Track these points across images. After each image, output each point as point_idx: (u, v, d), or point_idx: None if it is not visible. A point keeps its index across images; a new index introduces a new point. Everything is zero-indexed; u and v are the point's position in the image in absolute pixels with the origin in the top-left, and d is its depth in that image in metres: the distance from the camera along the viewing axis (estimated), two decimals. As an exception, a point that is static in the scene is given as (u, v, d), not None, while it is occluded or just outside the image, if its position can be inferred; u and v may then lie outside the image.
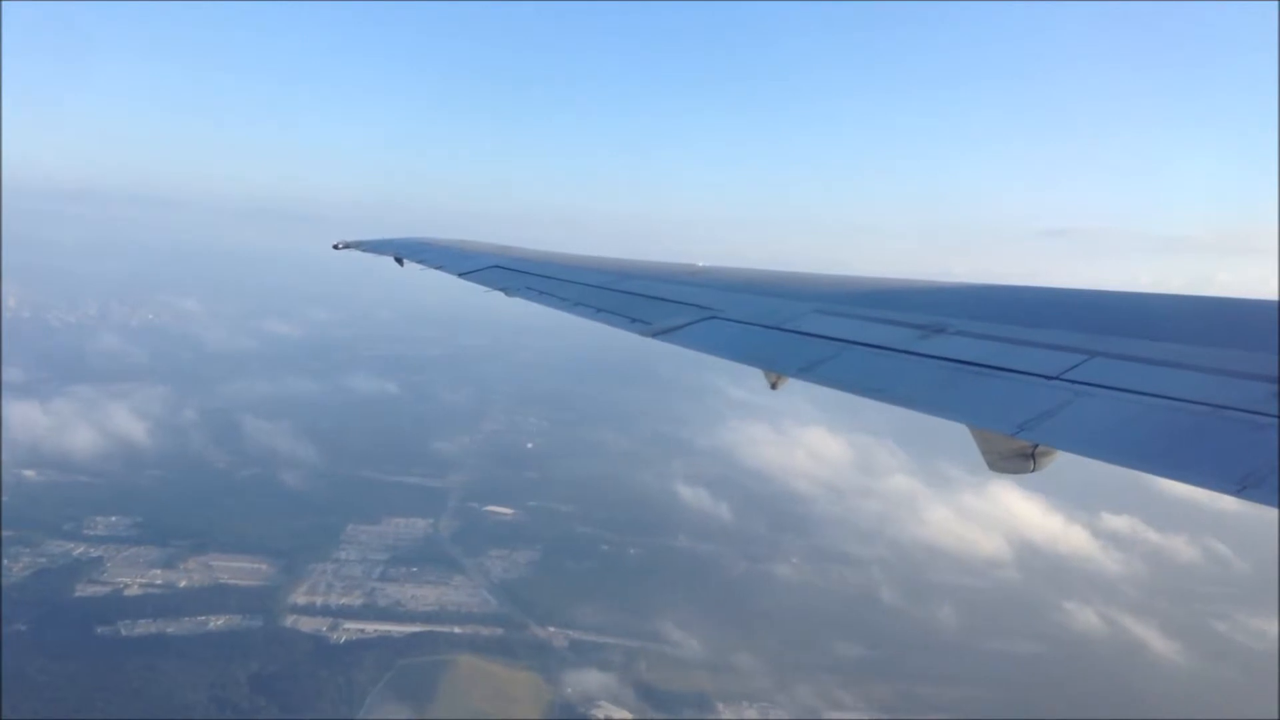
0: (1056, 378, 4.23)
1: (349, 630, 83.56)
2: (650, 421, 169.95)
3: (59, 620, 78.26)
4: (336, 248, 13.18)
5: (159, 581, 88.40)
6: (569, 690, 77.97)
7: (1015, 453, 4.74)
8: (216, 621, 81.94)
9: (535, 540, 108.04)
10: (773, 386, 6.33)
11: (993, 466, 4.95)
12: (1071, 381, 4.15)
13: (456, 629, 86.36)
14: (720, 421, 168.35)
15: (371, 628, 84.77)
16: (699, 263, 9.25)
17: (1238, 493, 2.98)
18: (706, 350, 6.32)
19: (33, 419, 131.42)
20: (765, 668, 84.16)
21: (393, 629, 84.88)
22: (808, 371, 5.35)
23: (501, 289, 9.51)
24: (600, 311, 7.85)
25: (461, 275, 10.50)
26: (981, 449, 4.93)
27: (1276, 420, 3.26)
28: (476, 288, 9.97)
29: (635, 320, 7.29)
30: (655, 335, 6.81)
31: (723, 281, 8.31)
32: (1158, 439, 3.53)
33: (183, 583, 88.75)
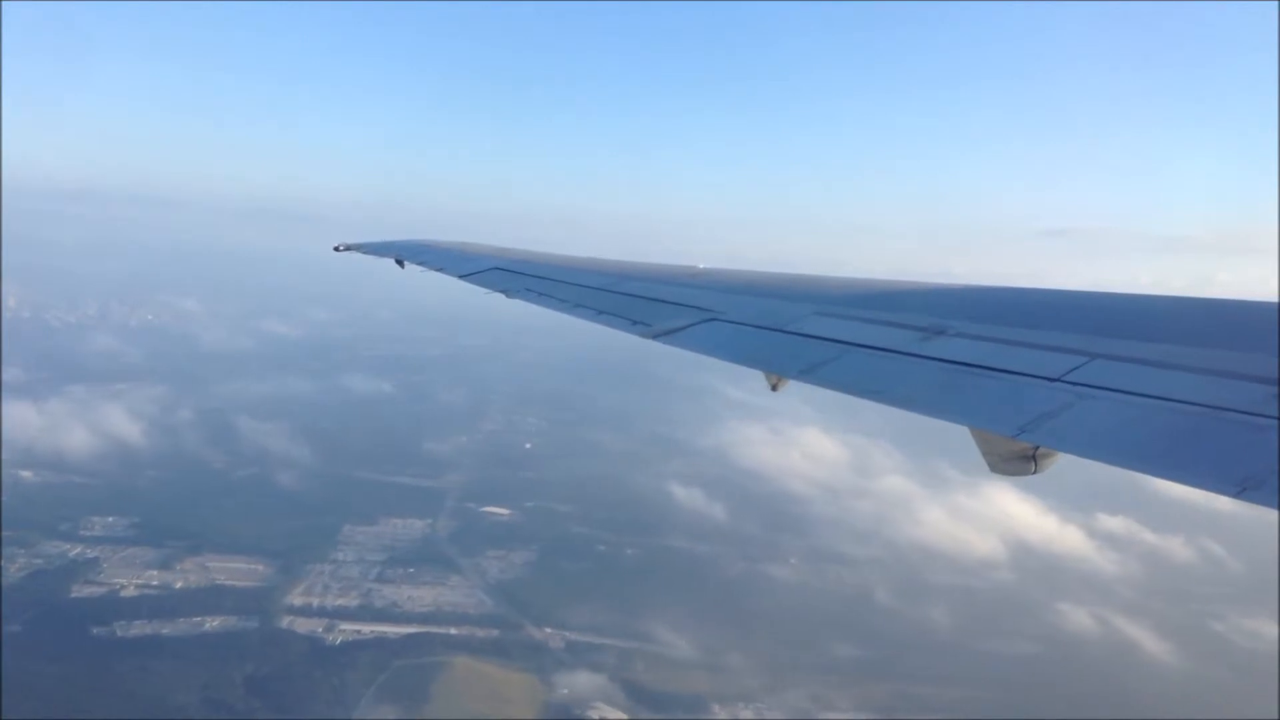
0: (1057, 379, 4.25)
1: (345, 631, 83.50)
2: (649, 422, 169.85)
3: (54, 621, 78.29)
4: (337, 250, 13.14)
5: (155, 582, 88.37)
6: (564, 691, 77.93)
7: (1016, 455, 4.76)
8: (212, 622, 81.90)
9: (532, 541, 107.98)
10: (773, 388, 6.32)
11: (994, 468, 4.95)
12: (1072, 383, 4.16)
13: (452, 630, 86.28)
14: (718, 422, 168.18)
15: (367, 629, 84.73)
16: (699, 264, 9.24)
17: (1238, 494, 2.99)
18: (707, 352, 6.31)
19: (31, 419, 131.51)
20: (761, 668, 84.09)
21: (389, 630, 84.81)
22: (808, 373, 5.35)
23: (502, 291, 9.49)
24: (601, 313, 7.83)
25: (462, 277, 10.48)
26: (982, 451, 4.94)
27: (1276, 422, 3.27)
28: (477, 289, 9.96)
29: (636, 322, 7.27)
30: (656, 337, 6.80)
31: (723, 283, 8.29)
32: (1158, 441, 3.55)
33: (179, 583, 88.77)
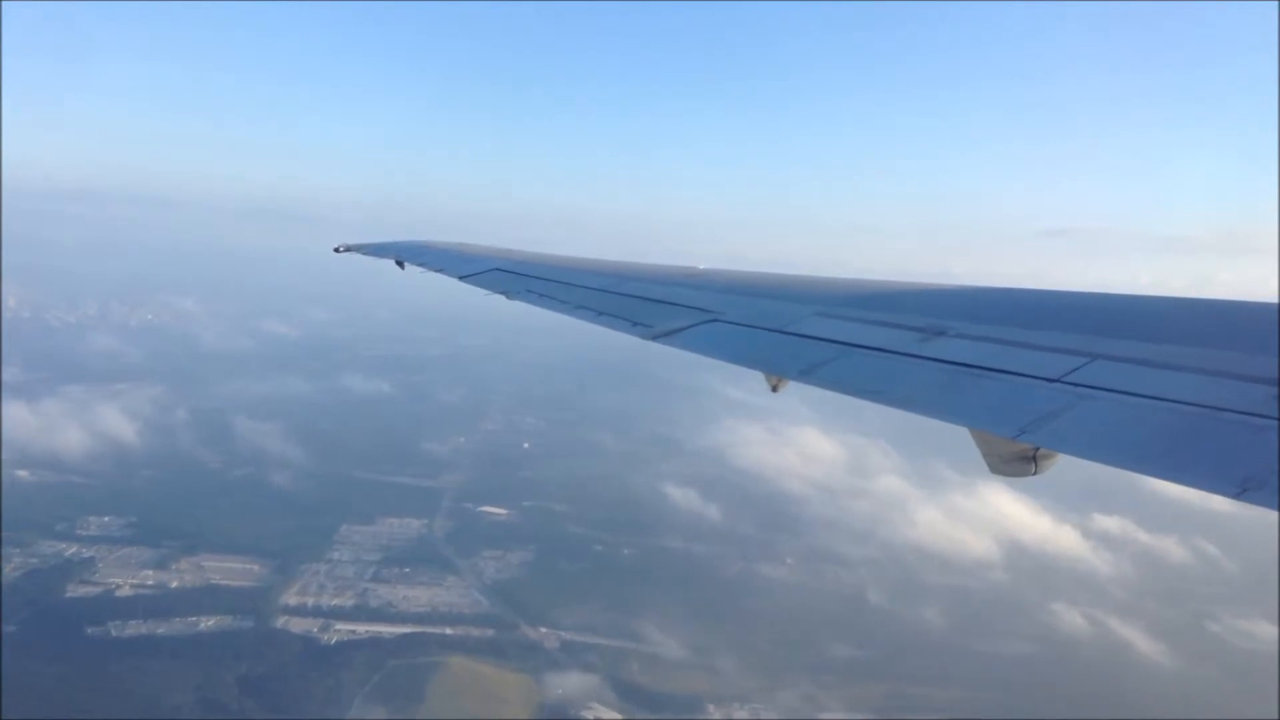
0: (1057, 380, 4.23)
1: (340, 631, 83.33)
2: (648, 422, 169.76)
3: (49, 621, 78.22)
4: (337, 251, 13.11)
5: (150, 582, 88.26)
6: (559, 691, 77.74)
7: (1016, 456, 4.75)
8: (207, 622, 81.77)
9: (529, 541, 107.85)
10: (774, 389, 6.30)
11: (994, 469, 4.94)
12: (1072, 384, 4.15)
13: (448, 630, 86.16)
14: (717, 423, 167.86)
15: (363, 629, 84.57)
16: (699, 264, 9.21)
17: (1238, 495, 2.96)
18: (707, 353, 6.30)
19: (28, 419, 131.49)
20: (756, 668, 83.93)
21: (384, 630, 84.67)
22: (809, 374, 5.34)
23: (502, 292, 9.48)
24: (601, 315, 7.81)
25: (462, 278, 10.44)
26: (983, 452, 4.93)
27: (1277, 423, 3.26)
28: (477, 289, 9.93)
29: (636, 323, 7.28)
30: (656, 338, 6.80)
31: (723, 284, 8.29)
32: (1158, 441, 3.53)
33: (174, 583, 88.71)
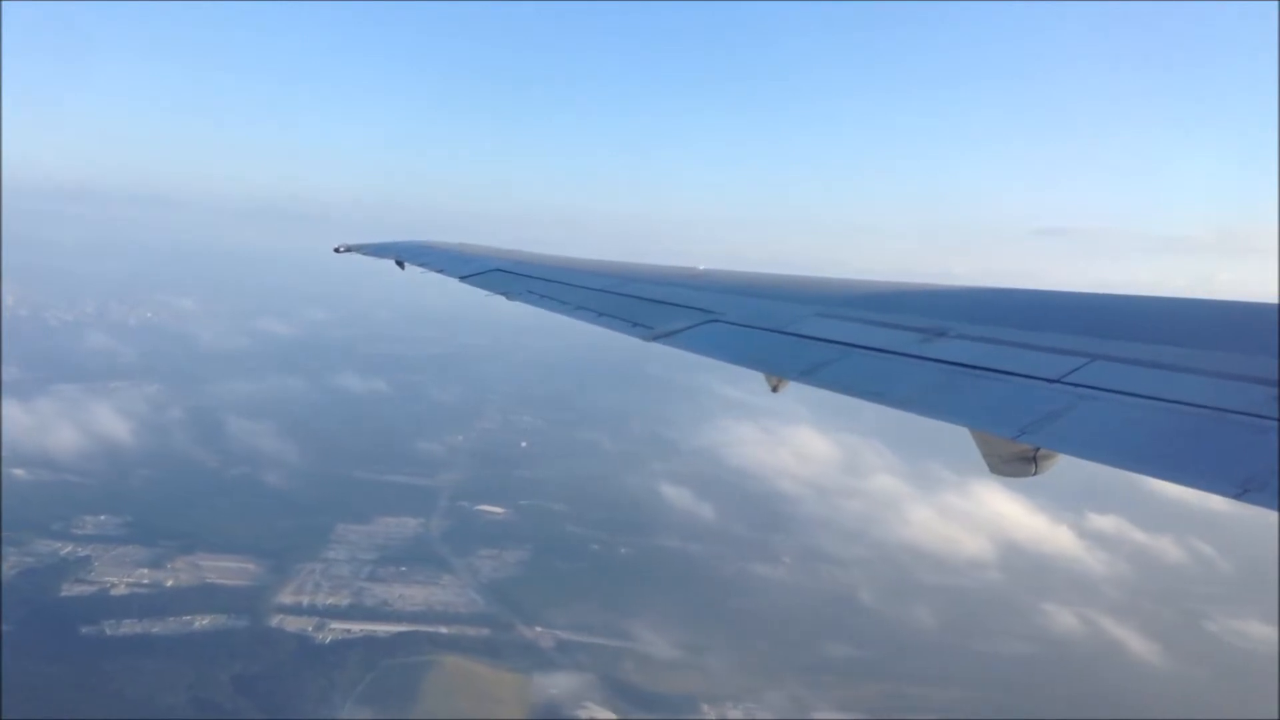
0: (1057, 381, 4.25)
1: (335, 630, 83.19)
2: (647, 422, 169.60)
3: (44, 620, 78.12)
4: (338, 251, 13.14)
5: (146, 581, 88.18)
6: (553, 691, 77.60)
7: (1017, 456, 4.78)
8: (202, 621, 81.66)
9: (526, 540, 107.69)
10: (774, 389, 6.29)
11: (994, 470, 4.97)
12: (1072, 385, 4.16)
13: (443, 629, 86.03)
14: (716, 422, 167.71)
15: (358, 628, 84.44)
16: (699, 265, 9.22)
17: (1239, 496, 2.97)
18: (707, 354, 6.30)
19: (25, 418, 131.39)
20: (751, 668, 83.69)
21: (379, 629, 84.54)
22: (809, 375, 5.35)
23: (502, 293, 9.49)
24: (601, 316, 7.83)
25: (463, 279, 10.45)
26: (983, 452, 4.96)
27: (1277, 423, 3.27)
28: (477, 290, 9.93)
29: (637, 324, 7.30)
30: (656, 339, 6.82)
31: (723, 285, 8.31)
32: (1158, 442, 3.54)
33: (170, 582, 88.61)
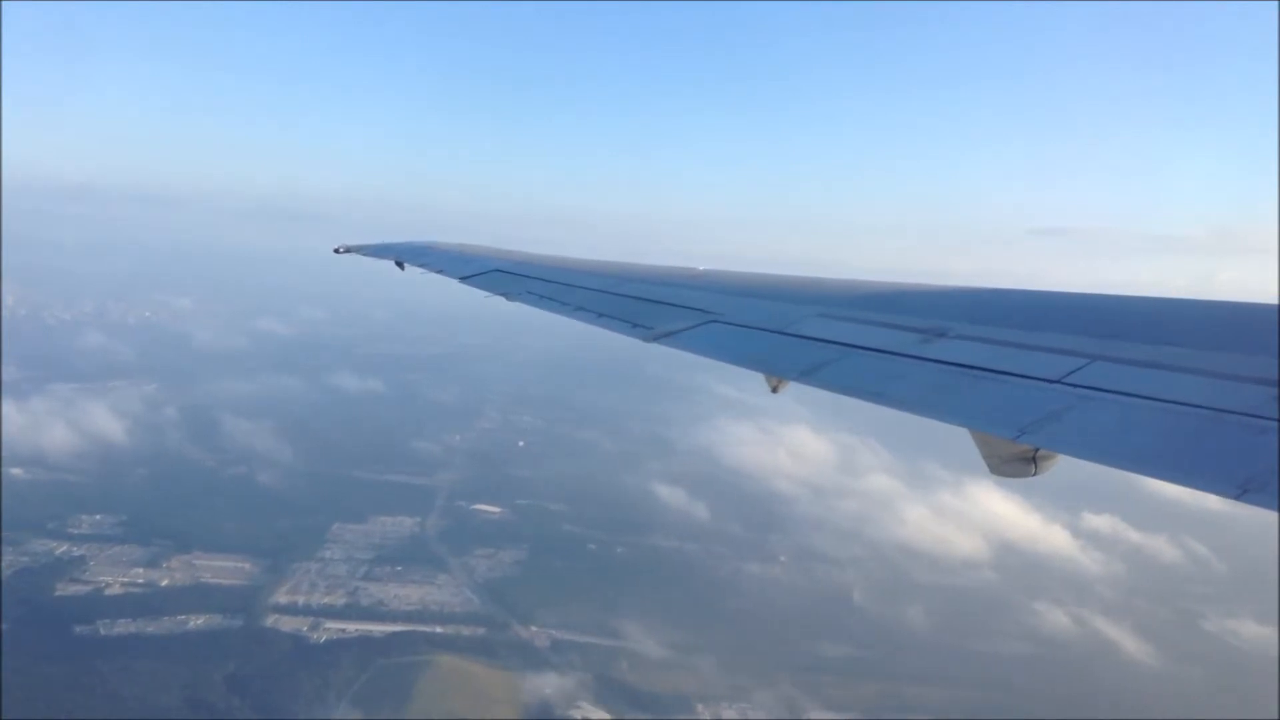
0: (1057, 382, 4.24)
1: (330, 630, 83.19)
2: (645, 422, 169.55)
3: (38, 620, 77.97)
4: (338, 252, 13.09)
5: (140, 580, 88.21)
6: (548, 690, 77.43)
7: (1017, 457, 4.79)
8: (196, 621, 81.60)
9: (522, 539, 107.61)
10: (774, 390, 6.27)
11: (994, 470, 4.96)
12: (1072, 385, 4.16)
13: (438, 628, 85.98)
14: (715, 422, 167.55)
15: (352, 627, 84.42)
16: (699, 265, 9.19)
17: (1239, 496, 2.95)
18: (707, 354, 6.29)
19: (23, 417, 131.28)
20: (746, 668, 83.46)
21: (374, 629, 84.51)
22: (809, 375, 5.35)
23: (502, 293, 9.50)
24: (601, 316, 7.83)
25: (463, 280, 10.43)
26: (983, 453, 4.97)
27: (1277, 424, 3.26)
28: (477, 290, 9.93)
29: (636, 325, 7.29)
30: (656, 339, 6.81)
31: (723, 285, 8.32)
32: (1158, 443, 3.54)
33: (165, 581, 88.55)
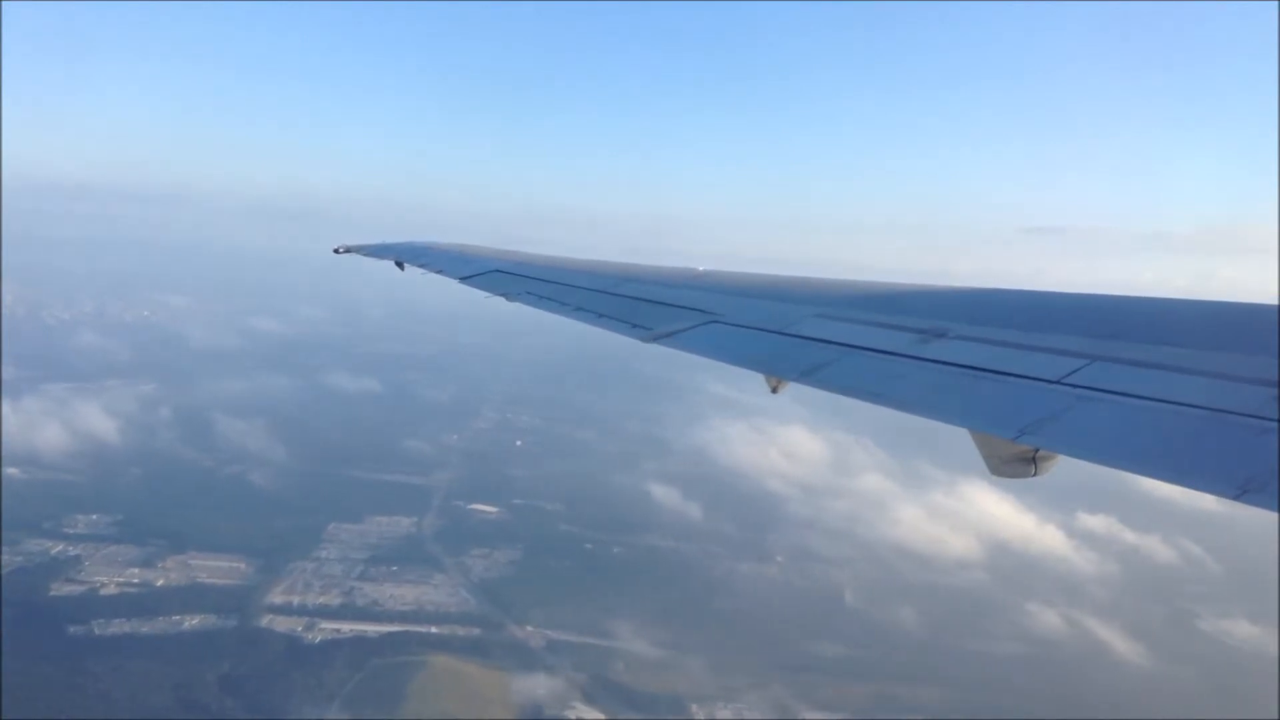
0: (1057, 382, 4.25)
1: (324, 630, 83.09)
2: (643, 422, 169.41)
3: (33, 620, 77.86)
4: (338, 252, 13.15)
5: (136, 580, 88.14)
6: (542, 691, 77.37)
7: (1016, 457, 4.78)
8: (191, 621, 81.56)
9: (518, 539, 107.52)
10: (773, 390, 6.28)
11: (994, 471, 4.96)
12: (1072, 386, 4.17)
13: (433, 629, 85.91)
14: (710, 422, 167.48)
15: (347, 627, 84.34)
16: (699, 265, 9.19)
17: (1238, 497, 2.93)
18: (707, 355, 6.31)
19: (19, 416, 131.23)
20: (740, 668, 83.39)
21: (369, 629, 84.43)
22: (809, 376, 5.36)
23: (502, 294, 9.52)
24: (600, 316, 7.87)
25: (462, 280, 10.45)
26: (983, 453, 4.96)
27: (1277, 425, 3.24)
28: (477, 291, 9.95)
29: (635, 325, 7.32)
30: (655, 340, 6.83)
31: (723, 285, 8.32)
32: (1158, 443, 3.54)
33: (160, 581, 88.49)
